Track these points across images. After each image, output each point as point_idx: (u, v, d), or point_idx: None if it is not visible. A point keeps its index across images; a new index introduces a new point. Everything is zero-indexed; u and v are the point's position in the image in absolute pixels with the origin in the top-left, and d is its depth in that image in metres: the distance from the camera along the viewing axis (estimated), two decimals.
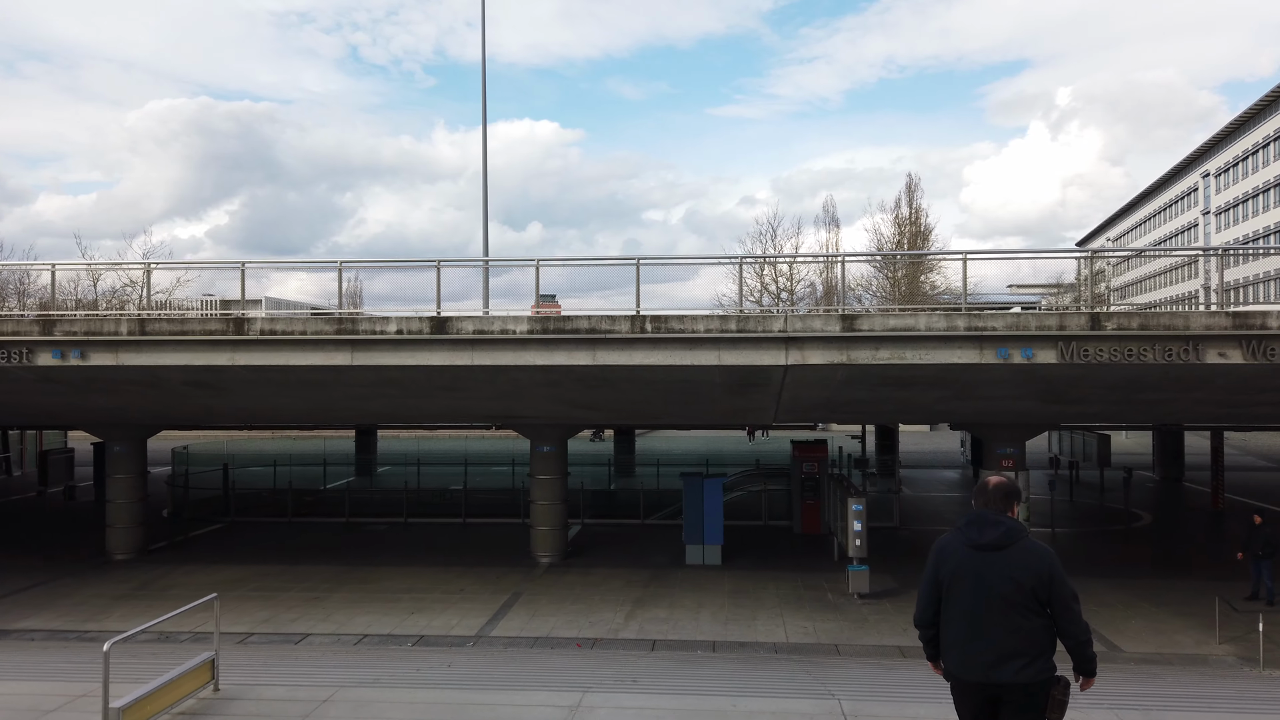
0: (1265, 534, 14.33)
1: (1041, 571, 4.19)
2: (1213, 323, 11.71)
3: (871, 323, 12.23)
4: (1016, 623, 4.17)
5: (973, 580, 4.25)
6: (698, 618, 13.82)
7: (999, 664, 4.18)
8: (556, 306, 14.31)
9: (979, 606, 4.22)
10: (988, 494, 4.43)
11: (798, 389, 13.87)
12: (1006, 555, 4.22)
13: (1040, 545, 4.33)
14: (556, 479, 17.90)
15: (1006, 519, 4.35)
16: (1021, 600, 4.16)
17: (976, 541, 4.29)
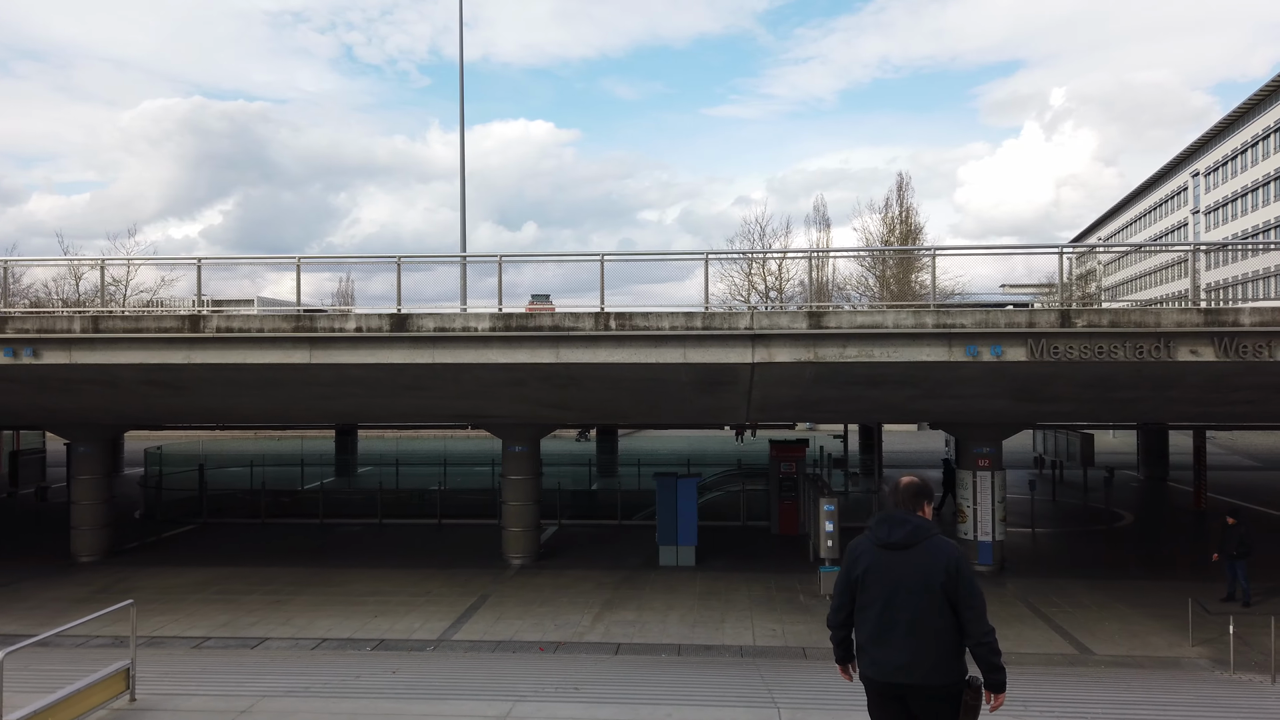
0: (1239, 534, 14.15)
1: (949, 567, 4.13)
2: (1184, 319, 11.51)
3: (839, 320, 12.01)
4: (926, 623, 4.12)
5: (882, 580, 4.21)
6: (666, 620, 13.59)
7: (910, 665, 4.12)
8: (550, 307, 14.07)
9: (889, 607, 4.17)
10: (899, 493, 4.40)
11: (768, 388, 13.65)
12: (914, 554, 4.18)
13: (947, 543, 4.27)
14: (529, 479, 17.65)
15: (915, 518, 4.30)
16: (931, 600, 4.11)
17: (885, 540, 4.24)
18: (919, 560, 4.17)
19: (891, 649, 4.17)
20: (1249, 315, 11.46)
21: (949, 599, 4.13)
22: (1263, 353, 11.43)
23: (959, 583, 4.12)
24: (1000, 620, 13.40)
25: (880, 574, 4.23)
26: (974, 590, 4.15)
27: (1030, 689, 8.95)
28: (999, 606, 14.18)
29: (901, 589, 4.16)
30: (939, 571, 4.13)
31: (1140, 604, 14.21)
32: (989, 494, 16.38)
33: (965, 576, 4.15)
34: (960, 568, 4.16)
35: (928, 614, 4.12)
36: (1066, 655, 11.81)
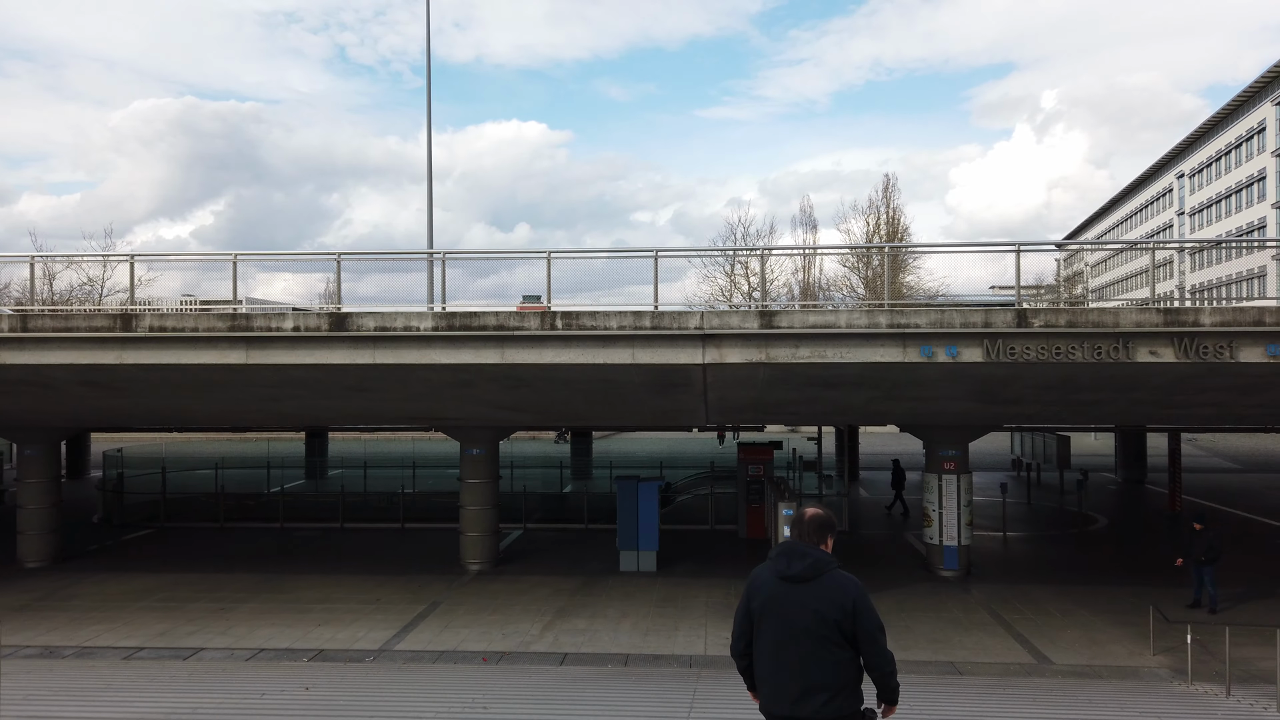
0: (1207, 539, 13.86)
1: (845, 604, 4.14)
2: (1143, 320, 11.21)
3: (791, 319, 11.67)
4: (821, 656, 4.12)
5: (779, 612, 4.21)
6: (618, 629, 13.21)
7: (803, 698, 4.12)
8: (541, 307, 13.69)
9: (785, 639, 4.18)
10: (802, 525, 4.40)
11: (723, 389, 13.30)
12: (813, 587, 4.18)
13: (847, 578, 4.26)
14: (487, 483, 17.25)
15: (815, 551, 4.29)
16: (825, 633, 4.11)
17: (785, 573, 4.24)
18: (818, 594, 4.16)
19: (786, 682, 4.17)
20: (1209, 315, 11.16)
21: (845, 634, 4.14)
22: (1224, 353, 11.13)
23: (857, 618, 4.14)
24: (961, 628, 13.09)
25: (778, 607, 4.22)
26: (873, 624, 4.17)
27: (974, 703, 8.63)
28: (961, 613, 13.88)
29: (798, 623, 4.16)
30: (836, 607, 4.13)
31: (1105, 610, 13.91)
32: (955, 497, 16.07)
33: (864, 612, 4.16)
34: (858, 604, 4.16)
35: (823, 648, 4.12)
36: (1024, 665, 11.49)
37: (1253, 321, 11.11)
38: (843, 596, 4.17)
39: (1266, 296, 48.05)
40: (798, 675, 4.14)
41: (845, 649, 4.18)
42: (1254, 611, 13.94)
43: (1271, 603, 14.43)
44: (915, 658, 11.79)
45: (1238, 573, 16.45)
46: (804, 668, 4.14)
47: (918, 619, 13.55)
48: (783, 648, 4.19)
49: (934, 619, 13.54)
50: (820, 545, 4.38)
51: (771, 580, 4.30)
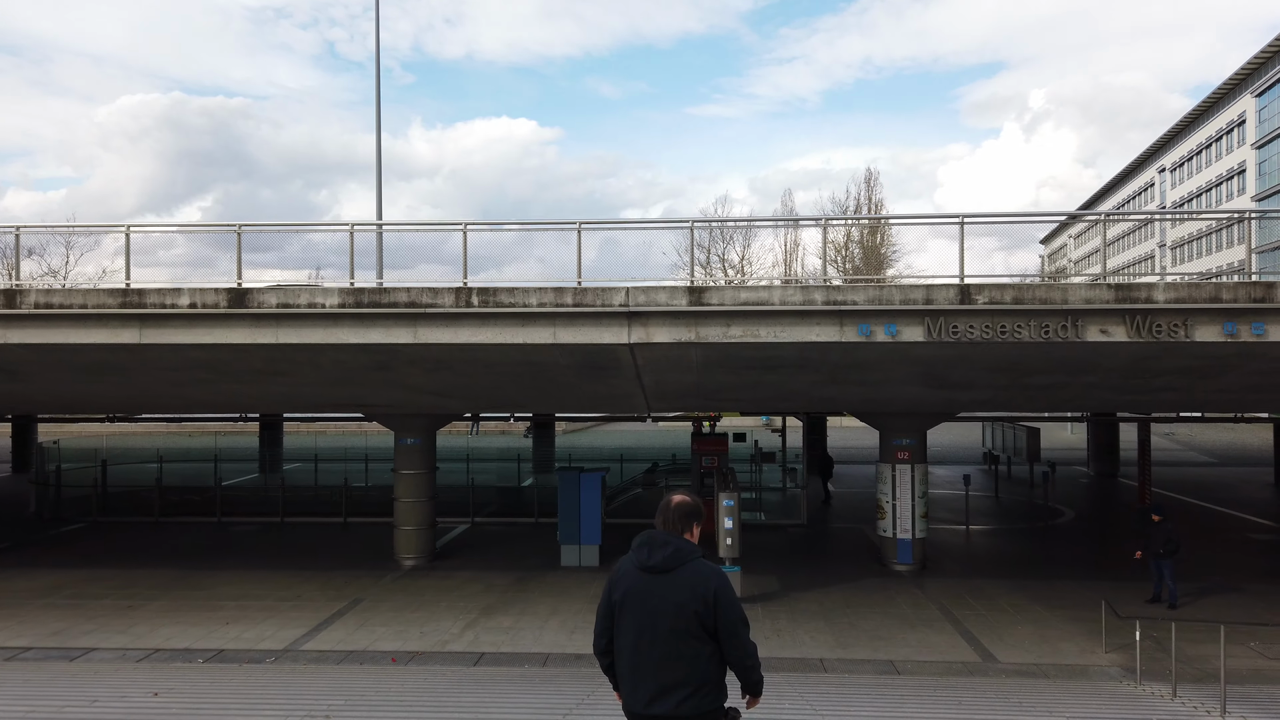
0: (1166, 531, 13.23)
1: (706, 595, 3.92)
2: (1093, 296, 10.53)
3: (721, 296, 10.92)
4: (679, 651, 3.92)
5: (639, 605, 4.01)
6: (545, 627, 12.45)
7: (660, 695, 3.92)
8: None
9: (643, 633, 3.98)
10: (667, 514, 4.19)
11: (657, 372, 12.55)
12: (672, 578, 3.97)
13: (710, 568, 4.06)
14: (423, 474, 16.44)
15: (677, 539, 4.08)
16: (685, 626, 3.91)
17: (645, 564, 4.03)
18: (677, 585, 3.96)
19: (644, 677, 3.97)
20: (1163, 291, 10.48)
21: (706, 627, 3.93)
22: (1179, 332, 10.47)
23: (718, 610, 3.94)
24: (907, 625, 12.39)
25: (638, 599, 4.02)
26: (734, 617, 3.98)
27: (891, 706, 7.93)
28: (910, 609, 13.19)
29: (655, 615, 3.96)
30: (697, 599, 3.92)
31: (1060, 606, 13.25)
32: (909, 489, 15.38)
33: (726, 604, 3.96)
34: (720, 595, 3.95)
35: (681, 642, 3.92)
36: (967, 664, 10.80)
37: (1209, 298, 10.45)
38: (704, 587, 3.94)
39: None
40: (655, 671, 3.95)
41: (706, 643, 3.95)
42: (1216, 607, 13.31)
43: (1235, 598, 13.82)
44: (854, 656, 11.09)
45: (1203, 566, 15.86)
46: (662, 663, 3.94)
47: (863, 615, 12.85)
48: (641, 642, 3.99)
49: (880, 615, 12.85)
50: (685, 534, 4.15)
51: (632, 571, 4.08)
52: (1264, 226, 48.64)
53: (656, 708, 3.98)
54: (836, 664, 10.83)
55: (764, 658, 10.85)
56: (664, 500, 4.34)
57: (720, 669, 4.07)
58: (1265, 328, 10.43)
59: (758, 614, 13.01)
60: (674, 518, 4.19)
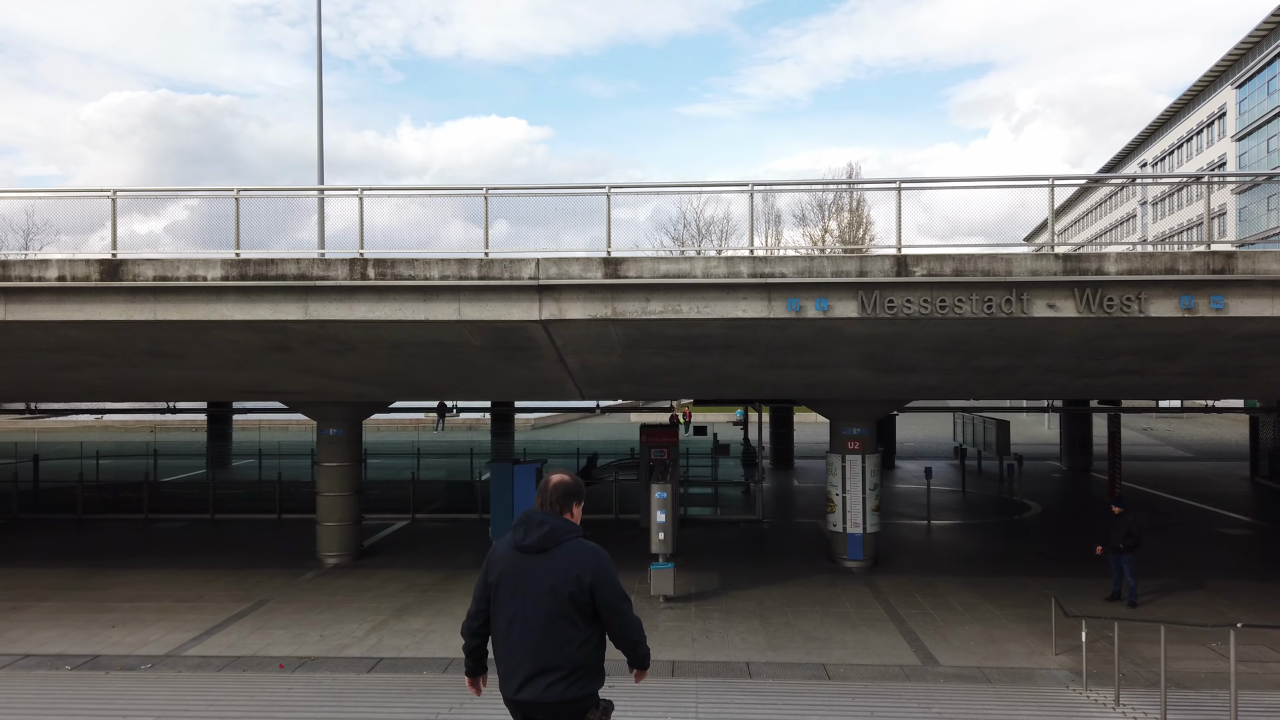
0: (1125, 525, 12.43)
1: (583, 576, 3.84)
2: (1039, 267, 9.68)
3: (640, 268, 10.02)
4: (553, 634, 3.82)
5: (514, 586, 3.90)
6: (457, 631, 11.50)
7: (531, 679, 3.82)
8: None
9: (517, 615, 3.87)
10: (546, 493, 4.06)
11: (580, 354, 11.64)
12: (548, 559, 3.88)
13: (589, 547, 3.95)
14: (347, 467, 15.48)
15: (554, 519, 3.98)
16: (559, 608, 3.81)
17: (520, 544, 3.94)
18: (553, 565, 3.86)
19: (517, 661, 3.85)
20: (1114, 262, 9.66)
21: (581, 608, 3.83)
22: (1131, 306, 9.64)
23: (596, 590, 3.84)
24: (847, 625, 11.53)
25: (513, 580, 3.90)
26: (615, 596, 3.89)
27: (796, 715, 7.06)
28: (853, 608, 12.34)
29: (531, 597, 3.85)
30: (572, 580, 3.83)
31: (1012, 605, 12.43)
32: (859, 480, 14.54)
33: (603, 583, 3.86)
34: (598, 575, 3.86)
35: (556, 625, 3.81)
36: (905, 667, 9.94)
37: (1164, 269, 9.63)
38: (580, 568, 3.83)
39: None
40: (527, 655, 3.82)
41: (581, 626, 3.84)
42: (1178, 605, 12.54)
43: (1199, 595, 13.05)
44: (784, 659, 10.22)
45: (1169, 562, 15.10)
46: (534, 647, 3.82)
47: (802, 615, 11.99)
48: (515, 624, 3.85)
49: (821, 615, 11.99)
50: (564, 514, 4.03)
51: (509, 552, 3.96)
52: (1244, 220, 48.17)
53: (525, 692, 3.81)
54: (763, 668, 9.96)
55: (686, 660, 9.95)
56: (543, 480, 4.17)
57: (597, 654, 3.94)
58: (1225, 301, 9.63)
59: (690, 614, 12.14)
60: (553, 498, 4.04)
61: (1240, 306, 9.63)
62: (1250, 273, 9.48)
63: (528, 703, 3.86)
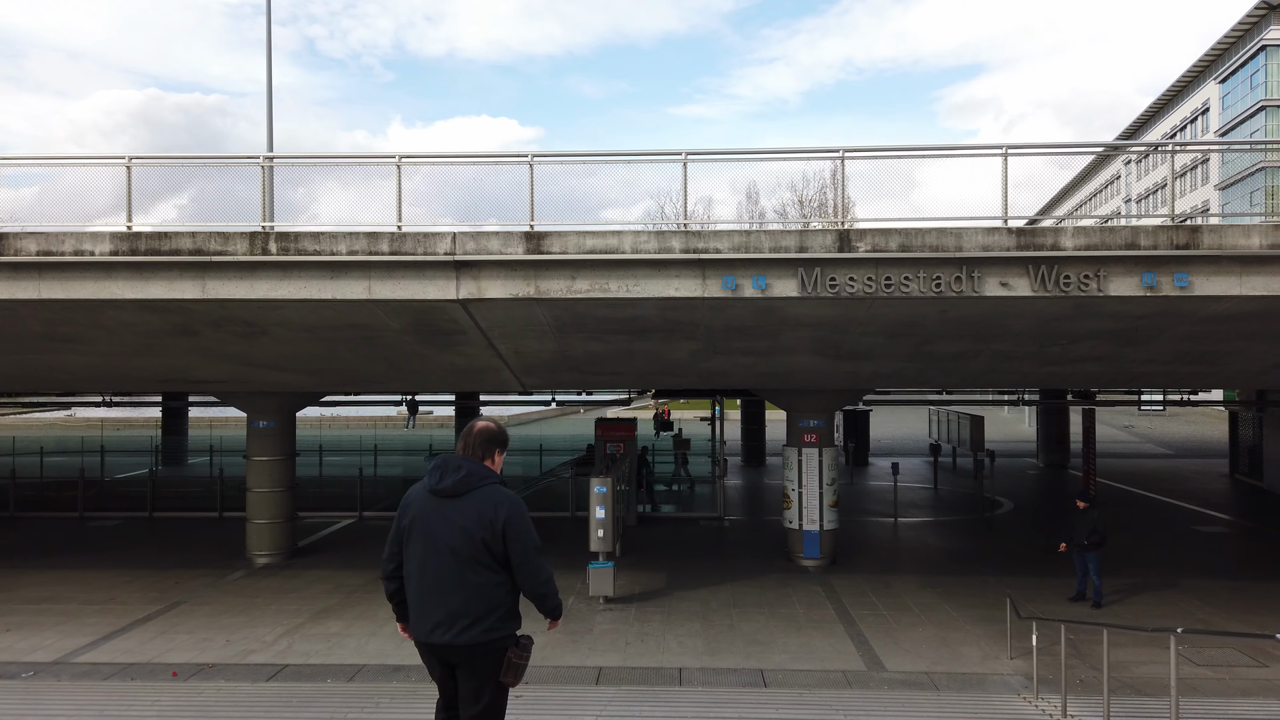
0: (1091, 520, 11.78)
1: (495, 521, 3.80)
2: (991, 242, 9.00)
3: (564, 242, 9.29)
4: (464, 578, 3.79)
5: (427, 530, 3.86)
6: (378, 633, 10.76)
7: (444, 624, 3.79)
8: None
9: (429, 559, 3.84)
10: (469, 438, 4.02)
11: (511, 339, 10.89)
12: (463, 503, 3.84)
13: (503, 493, 3.90)
14: (279, 461, 14.68)
15: (470, 463, 3.92)
16: (472, 553, 3.78)
17: (435, 487, 3.89)
18: (467, 510, 3.83)
19: (429, 604, 3.84)
20: (1072, 237, 8.98)
21: (494, 554, 3.81)
22: (1090, 285, 8.97)
23: (507, 535, 3.81)
24: (793, 627, 10.82)
25: (426, 524, 3.88)
26: (526, 543, 3.87)
27: None
28: (803, 609, 11.64)
29: (444, 541, 3.82)
30: (485, 524, 3.80)
31: (971, 606, 11.75)
32: (816, 475, 13.84)
33: (515, 529, 3.84)
34: (510, 520, 3.83)
35: (468, 569, 3.79)
36: (848, 673, 9.24)
37: (1125, 244, 8.97)
38: (493, 513, 3.82)
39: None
40: (440, 599, 3.82)
41: (494, 571, 3.84)
42: (1147, 605, 11.90)
43: (1169, 595, 12.42)
44: (720, 665, 9.50)
45: (1140, 560, 14.48)
46: (447, 590, 3.81)
47: (748, 617, 11.28)
48: (426, 568, 3.87)
49: (767, 616, 11.28)
50: (485, 460, 4.01)
51: (424, 495, 3.95)
52: (1227, 218, 47.76)
53: (437, 636, 3.80)
54: (697, 674, 9.23)
55: (615, 667, 9.17)
56: (467, 426, 4.11)
57: (511, 598, 3.89)
58: (1190, 279, 8.97)
59: (629, 616, 11.41)
60: (475, 443, 3.99)
61: (1206, 284, 8.98)
62: (1216, 248, 8.82)
63: (441, 646, 3.82)
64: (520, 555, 3.82)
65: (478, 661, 3.84)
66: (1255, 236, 8.80)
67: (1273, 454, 22.30)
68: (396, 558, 4.03)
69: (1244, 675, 9.25)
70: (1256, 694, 8.62)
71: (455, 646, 3.80)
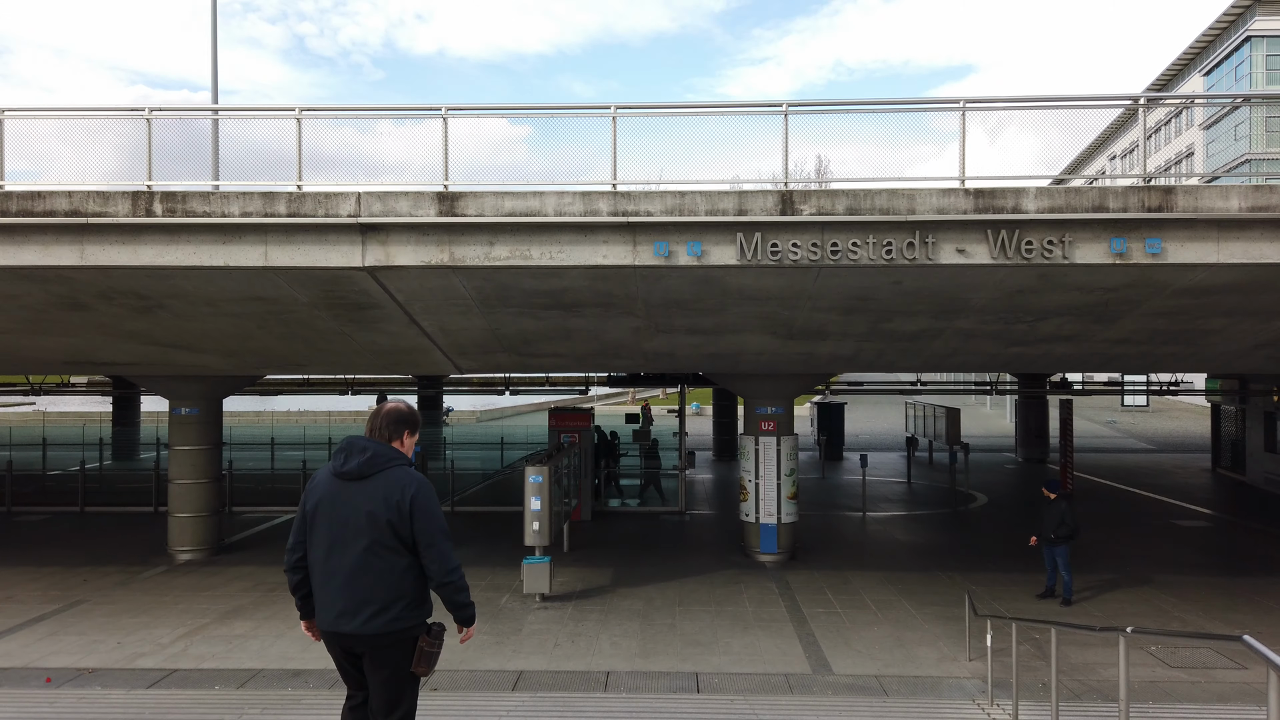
0: (1059, 512, 11.02)
1: (401, 502, 3.68)
2: (947, 204, 8.21)
3: (480, 204, 8.44)
4: (370, 563, 3.66)
5: (332, 514, 3.73)
6: (285, 635, 9.87)
7: (349, 612, 3.65)
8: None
9: (334, 544, 3.71)
10: (376, 419, 3.91)
11: (433, 315, 10.03)
12: (369, 485, 3.71)
13: (408, 474, 3.77)
14: (204, 451, 13.76)
15: (377, 445, 3.81)
16: (377, 536, 3.67)
17: (339, 469, 3.77)
18: (372, 492, 3.70)
19: (333, 593, 3.69)
20: (1034, 199, 8.20)
21: (401, 537, 3.69)
22: (1054, 251, 8.20)
23: (414, 518, 3.69)
24: (740, 627, 10.00)
25: (331, 508, 3.74)
26: (433, 528, 3.72)
27: None
28: (753, 608, 10.83)
29: (348, 524, 3.69)
30: (391, 506, 3.67)
31: (933, 603, 10.97)
32: (773, 465, 13.04)
33: (422, 511, 3.71)
34: (417, 501, 3.70)
35: (373, 553, 3.66)
36: (791, 676, 8.43)
37: (1092, 206, 8.20)
38: (399, 495, 3.69)
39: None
40: (344, 585, 3.66)
41: (401, 554, 3.70)
42: (1120, 602, 11.16)
43: (1143, 591, 11.68)
44: (653, 668, 8.68)
45: (1115, 555, 13.76)
46: (351, 576, 3.66)
47: (692, 615, 10.46)
48: (331, 553, 3.70)
49: (713, 615, 10.47)
50: (394, 442, 3.88)
51: (328, 478, 3.81)
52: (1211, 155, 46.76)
53: (343, 624, 3.67)
54: (625, 678, 8.41)
55: (538, 671, 8.32)
56: (377, 407, 4.01)
57: (420, 583, 3.77)
58: (1163, 244, 8.21)
59: (565, 615, 10.57)
60: (382, 424, 3.89)
61: (1180, 251, 8.22)
62: (1192, 210, 8.06)
63: (347, 635, 3.67)
64: (426, 537, 3.69)
65: (386, 651, 3.70)
66: (1234, 198, 8.04)
67: (1255, 447, 21.68)
68: (302, 547, 3.84)
69: (1220, 679, 8.50)
70: (1234, 699, 7.87)
71: (361, 636, 3.65)
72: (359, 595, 3.63)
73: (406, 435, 3.93)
